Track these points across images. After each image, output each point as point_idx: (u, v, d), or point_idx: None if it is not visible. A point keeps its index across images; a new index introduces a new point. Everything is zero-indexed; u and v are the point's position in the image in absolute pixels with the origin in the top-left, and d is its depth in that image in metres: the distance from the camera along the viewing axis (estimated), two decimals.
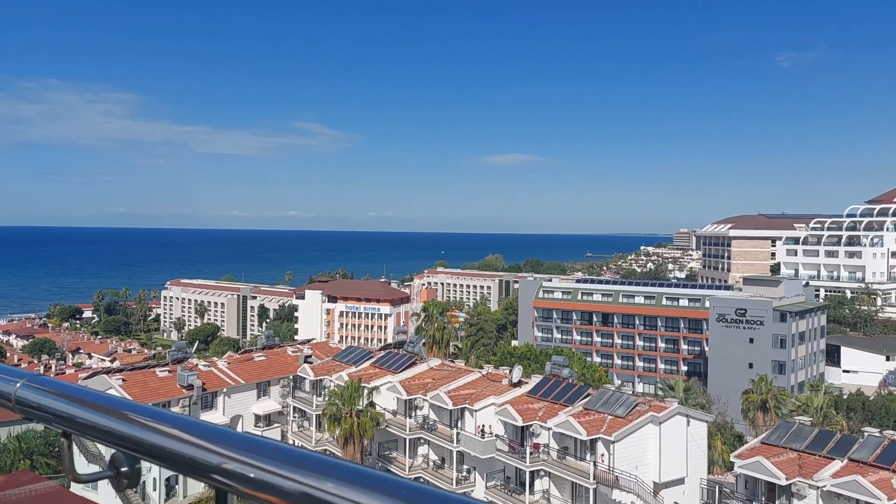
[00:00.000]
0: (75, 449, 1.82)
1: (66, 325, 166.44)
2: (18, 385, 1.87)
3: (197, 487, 50.83)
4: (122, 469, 1.65)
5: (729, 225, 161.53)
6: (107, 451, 1.65)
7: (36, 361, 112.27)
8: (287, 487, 1.25)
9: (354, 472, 1.22)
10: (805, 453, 41.55)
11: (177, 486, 53.62)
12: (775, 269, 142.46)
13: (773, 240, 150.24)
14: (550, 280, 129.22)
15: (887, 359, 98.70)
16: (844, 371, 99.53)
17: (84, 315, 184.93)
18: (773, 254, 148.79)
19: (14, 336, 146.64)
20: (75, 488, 53.37)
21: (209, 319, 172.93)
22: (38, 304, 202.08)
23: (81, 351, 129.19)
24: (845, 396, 79.40)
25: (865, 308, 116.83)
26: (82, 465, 48.69)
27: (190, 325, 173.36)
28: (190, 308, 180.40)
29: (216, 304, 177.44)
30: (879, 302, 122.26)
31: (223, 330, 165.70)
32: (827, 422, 58.86)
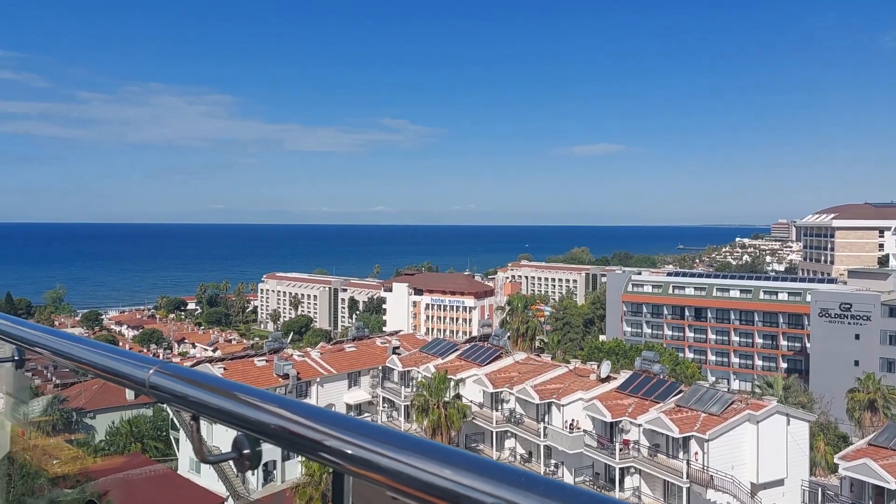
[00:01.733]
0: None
1: (171, 316, 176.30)
2: (151, 372, 2.06)
3: (294, 472, 52.93)
4: (245, 451, 1.75)
5: (832, 215, 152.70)
6: (228, 437, 1.72)
7: (146, 350, 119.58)
8: (403, 471, 1.30)
9: (471, 459, 1.25)
10: None
11: (274, 472, 56.06)
12: (883, 261, 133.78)
13: (881, 230, 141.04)
14: (640, 273, 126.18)
15: None
16: None
17: (188, 307, 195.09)
18: (881, 245, 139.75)
19: (125, 326, 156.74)
20: (181, 470, 56.79)
21: (302, 311, 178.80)
22: (146, 296, 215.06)
23: (186, 341, 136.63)
24: None
25: None
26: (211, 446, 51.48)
27: (285, 316, 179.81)
28: (285, 300, 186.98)
29: (309, 296, 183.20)
30: None
31: (315, 321, 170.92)
32: None
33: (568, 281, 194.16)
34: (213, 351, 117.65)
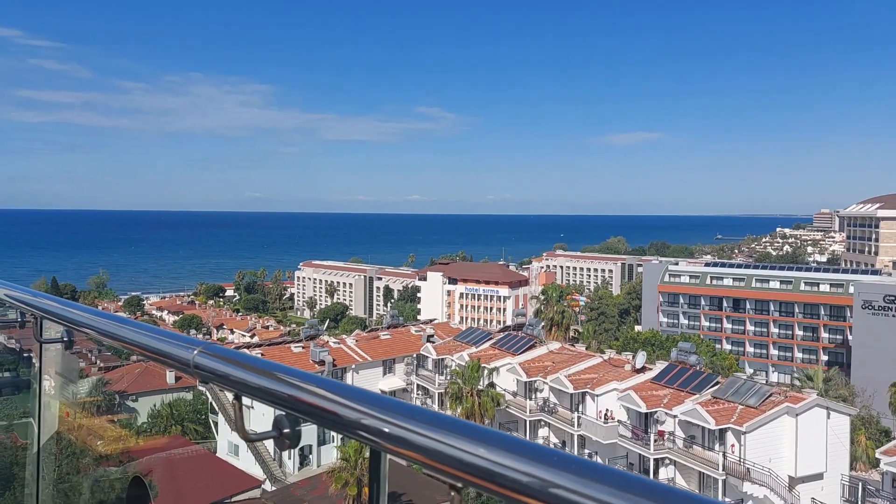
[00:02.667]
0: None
1: (210, 302, 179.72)
2: (196, 352, 2.13)
3: (329, 457, 53.73)
4: (285, 430, 1.80)
5: (877, 205, 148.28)
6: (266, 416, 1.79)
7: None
8: (438, 448, 1.33)
9: (505, 438, 1.27)
10: None
11: (310, 456, 57.00)
12: None
13: None
14: (677, 264, 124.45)
15: None
16: None
17: (226, 293, 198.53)
18: None
19: (166, 312, 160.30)
20: (220, 453, 58.01)
21: (338, 299, 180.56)
22: (186, 282, 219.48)
23: (224, 327, 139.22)
24: None
25: None
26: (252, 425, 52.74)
27: (321, 304, 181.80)
28: (321, 288, 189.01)
29: (345, 284, 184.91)
30: None
31: (351, 309, 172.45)
32: None
33: (603, 271, 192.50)
34: (251, 337, 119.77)
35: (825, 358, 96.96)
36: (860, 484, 42.97)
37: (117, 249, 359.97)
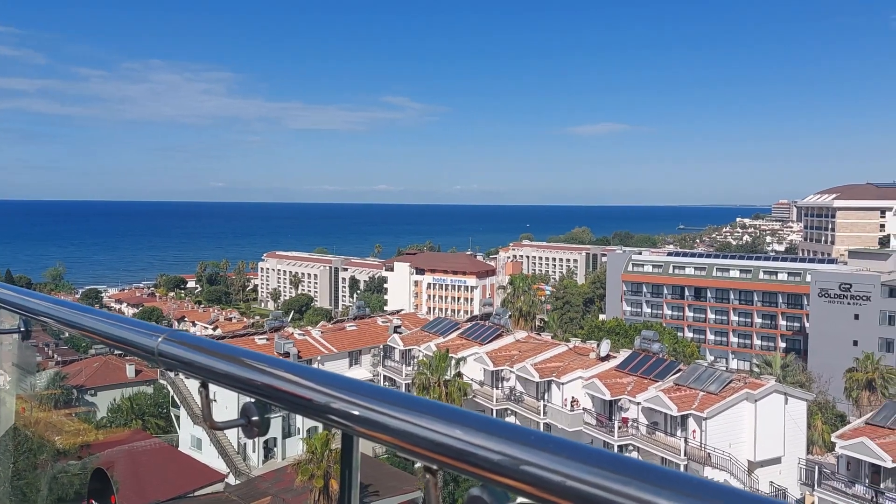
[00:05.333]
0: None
1: (171, 294, 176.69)
2: (160, 340, 2.06)
3: (295, 449, 53.36)
4: (254, 418, 1.77)
5: (834, 195, 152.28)
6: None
7: None
8: (412, 431, 1.31)
9: (480, 419, 1.26)
10: None
11: (275, 449, 56.54)
12: (884, 241, 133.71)
13: (883, 210, 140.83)
14: (640, 253, 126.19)
15: None
16: None
17: (188, 285, 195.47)
18: (882, 225, 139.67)
19: (125, 304, 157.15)
20: (182, 447, 57.13)
21: (303, 290, 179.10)
22: (146, 274, 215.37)
23: (186, 319, 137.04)
24: None
25: None
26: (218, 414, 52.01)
27: (285, 295, 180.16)
28: (285, 279, 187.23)
29: (309, 275, 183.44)
30: None
31: (316, 300, 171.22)
32: None
33: (569, 260, 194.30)
34: (214, 329, 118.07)
35: (783, 345, 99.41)
36: (817, 467, 44.18)
37: (75, 241, 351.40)
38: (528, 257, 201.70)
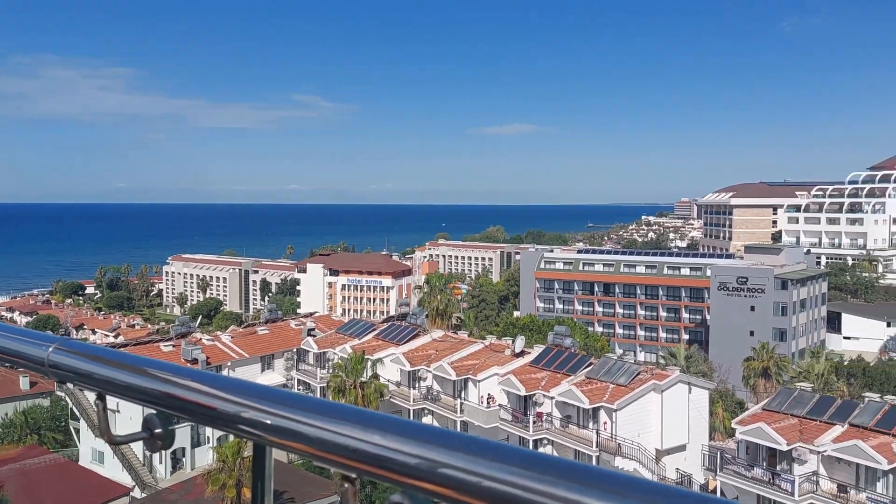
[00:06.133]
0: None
1: (69, 301, 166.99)
2: (51, 349, 1.87)
3: (205, 459, 51.38)
4: (157, 431, 1.65)
5: (730, 193, 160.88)
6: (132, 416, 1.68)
7: None
8: (328, 438, 1.27)
9: (399, 423, 1.23)
10: (806, 419, 41.88)
11: (183, 459, 54.28)
12: (777, 237, 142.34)
13: (775, 208, 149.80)
14: (552, 251, 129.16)
15: (888, 325, 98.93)
16: (845, 338, 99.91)
17: (87, 291, 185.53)
18: (775, 222, 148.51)
19: (17, 313, 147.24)
20: (83, 461, 53.96)
21: (211, 294, 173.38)
22: (42, 280, 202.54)
23: (85, 327, 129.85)
24: (846, 363, 79.75)
25: (866, 275, 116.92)
26: (118, 428, 49.25)
27: (192, 300, 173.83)
28: (192, 283, 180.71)
29: (218, 278, 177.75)
30: (880, 269, 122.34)
31: (226, 304, 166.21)
32: (828, 388, 59.21)
33: (484, 259, 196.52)
34: (115, 337, 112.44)
35: (686, 337, 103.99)
36: (718, 452, 46.28)
37: None
38: (444, 256, 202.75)
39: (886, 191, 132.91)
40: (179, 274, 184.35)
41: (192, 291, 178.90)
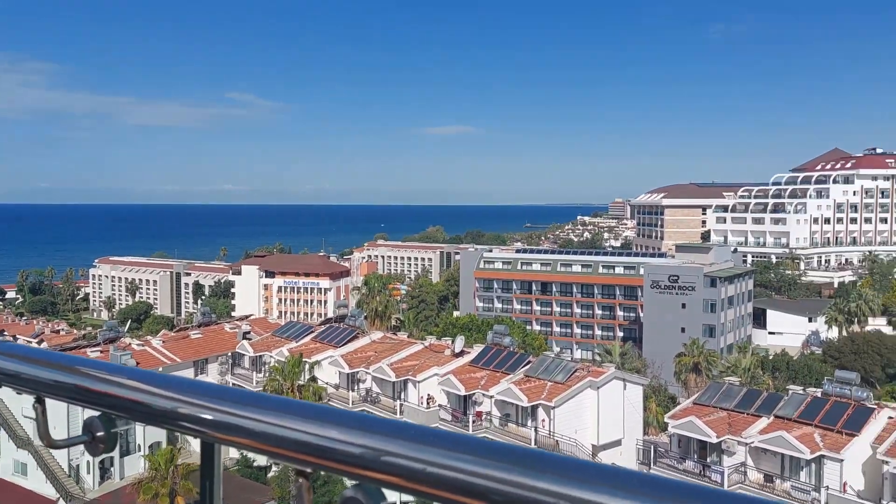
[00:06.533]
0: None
1: None
2: None
3: (135, 468, 49.59)
4: (98, 434, 1.60)
5: (662, 194, 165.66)
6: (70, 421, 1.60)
7: None
8: (273, 433, 1.27)
9: (341, 414, 1.24)
10: (734, 412, 43.39)
11: (112, 469, 52.22)
12: (706, 236, 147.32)
13: (704, 208, 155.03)
14: (491, 251, 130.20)
15: (809, 320, 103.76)
16: (770, 333, 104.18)
17: (7, 296, 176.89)
18: (704, 221, 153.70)
19: None
20: (3, 474, 51.28)
21: (141, 297, 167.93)
22: None
23: (6, 333, 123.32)
24: (771, 357, 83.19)
25: (789, 272, 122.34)
26: (57, 432, 46.97)
27: (121, 303, 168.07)
28: (120, 286, 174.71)
29: (148, 281, 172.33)
30: (802, 266, 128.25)
31: (156, 308, 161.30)
32: (754, 381, 61.61)
33: (423, 259, 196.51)
34: (38, 343, 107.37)
35: (621, 334, 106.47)
36: (652, 447, 47.50)
37: None
38: (383, 257, 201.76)
39: (807, 192, 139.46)
40: (107, 277, 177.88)
41: (121, 295, 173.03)
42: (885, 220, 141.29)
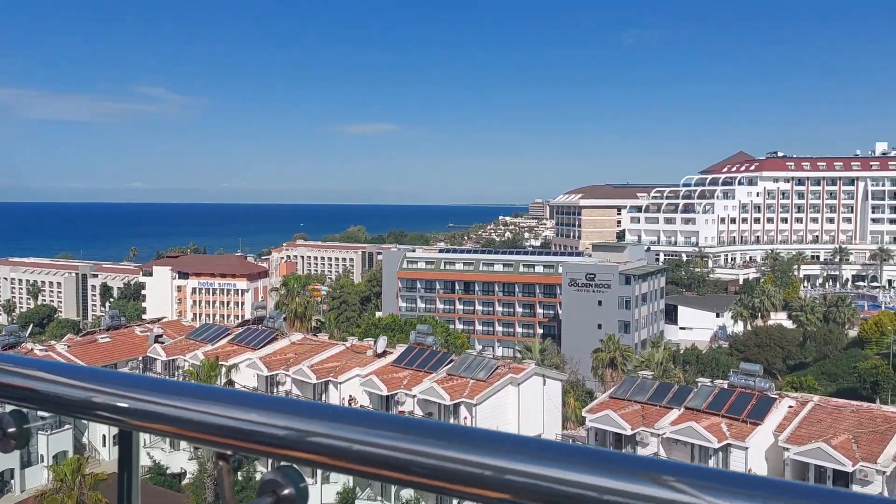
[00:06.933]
0: None
1: None
2: None
3: (37, 480, 46.87)
4: (10, 430, 1.55)
5: (579, 195, 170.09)
6: None
7: None
8: (193, 418, 1.27)
9: (260, 398, 1.26)
10: (647, 404, 44.98)
11: (12, 482, 49.21)
12: (621, 235, 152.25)
13: (619, 208, 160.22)
14: (414, 251, 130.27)
15: (717, 315, 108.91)
16: (681, 328, 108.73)
17: None
18: (619, 221, 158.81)
19: None
20: None
21: (44, 301, 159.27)
22: None
23: None
24: (682, 351, 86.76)
25: (699, 270, 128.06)
26: None
27: (22, 307, 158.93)
28: (21, 289, 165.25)
29: (52, 283, 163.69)
30: (710, 264, 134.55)
31: (61, 311, 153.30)
32: (666, 375, 63.93)
33: (345, 260, 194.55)
34: None
35: (541, 331, 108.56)
36: (570, 440, 48.72)
37: None
38: (302, 257, 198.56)
39: (715, 193, 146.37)
40: (6, 279, 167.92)
41: (22, 298, 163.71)
42: (785, 220, 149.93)
